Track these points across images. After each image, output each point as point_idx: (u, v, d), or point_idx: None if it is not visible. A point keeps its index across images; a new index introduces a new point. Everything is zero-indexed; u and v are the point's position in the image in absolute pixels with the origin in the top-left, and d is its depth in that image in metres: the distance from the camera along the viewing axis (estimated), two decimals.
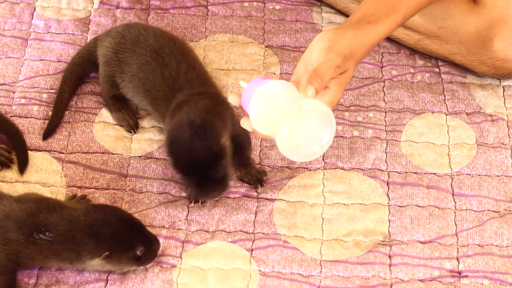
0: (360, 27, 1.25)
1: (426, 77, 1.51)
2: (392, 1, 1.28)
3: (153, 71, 1.35)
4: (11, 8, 1.58)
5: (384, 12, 1.27)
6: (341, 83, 1.23)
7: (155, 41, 1.39)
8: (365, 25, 1.25)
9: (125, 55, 1.39)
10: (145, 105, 1.38)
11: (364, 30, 1.25)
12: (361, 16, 1.26)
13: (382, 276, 1.26)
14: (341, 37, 1.22)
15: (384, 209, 1.33)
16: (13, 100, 1.44)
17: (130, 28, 1.42)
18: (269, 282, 1.24)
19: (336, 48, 1.21)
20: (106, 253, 1.19)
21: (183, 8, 1.60)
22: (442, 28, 1.48)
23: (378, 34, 1.26)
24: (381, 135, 1.43)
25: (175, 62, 1.35)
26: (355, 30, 1.24)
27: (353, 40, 1.23)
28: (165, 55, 1.36)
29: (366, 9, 1.27)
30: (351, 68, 1.24)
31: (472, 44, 1.46)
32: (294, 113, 1.12)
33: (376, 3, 1.28)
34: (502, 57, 1.45)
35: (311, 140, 1.13)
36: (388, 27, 1.27)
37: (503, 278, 1.26)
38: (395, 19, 1.28)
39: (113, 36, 1.41)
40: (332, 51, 1.20)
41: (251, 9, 1.60)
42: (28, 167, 1.36)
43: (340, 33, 1.23)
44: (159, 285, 1.24)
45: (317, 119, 1.13)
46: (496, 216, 1.33)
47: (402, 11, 1.28)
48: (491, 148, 1.41)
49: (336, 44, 1.21)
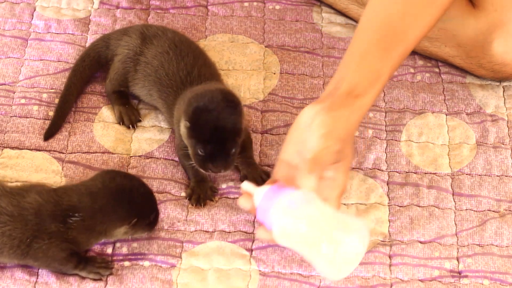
0: (351, 103, 1.23)
1: (426, 77, 1.51)
2: (377, 64, 1.26)
3: (169, 60, 1.37)
4: (11, 8, 1.58)
5: (369, 80, 1.25)
6: (345, 170, 1.23)
7: (174, 35, 1.41)
8: (355, 100, 1.23)
9: (143, 49, 1.40)
10: (152, 95, 1.39)
11: (356, 106, 1.23)
12: (348, 89, 1.24)
13: (382, 276, 1.26)
14: (338, 121, 1.21)
15: (384, 209, 1.33)
16: (13, 100, 1.44)
17: (149, 27, 1.43)
18: (269, 282, 1.24)
19: (335, 134, 1.20)
20: (134, 220, 1.21)
21: (183, 8, 1.60)
22: (441, 30, 1.48)
23: (368, 105, 1.25)
24: (381, 135, 1.43)
25: (192, 56, 1.37)
26: (347, 108, 1.22)
27: (349, 120, 1.22)
28: (183, 48, 1.38)
29: (351, 79, 1.25)
30: (350, 150, 1.23)
31: (470, 47, 1.46)
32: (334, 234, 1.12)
33: (361, 70, 1.26)
34: (500, 61, 1.45)
35: (352, 257, 1.15)
36: (375, 95, 1.26)
37: (503, 278, 1.26)
38: (381, 84, 1.26)
39: (131, 35, 1.42)
40: (330, 137, 1.19)
41: (251, 9, 1.60)
42: (28, 167, 1.36)
43: (336, 117, 1.21)
44: (158, 285, 1.23)
45: (355, 236, 1.14)
46: (496, 216, 1.33)
47: (386, 73, 1.26)
48: (491, 148, 1.41)
49: (334, 129, 1.20)
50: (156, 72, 1.37)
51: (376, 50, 1.27)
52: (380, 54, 1.27)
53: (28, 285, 1.23)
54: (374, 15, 1.30)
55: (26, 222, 1.19)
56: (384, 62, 1.27)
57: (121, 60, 1.41)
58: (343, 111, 1.22)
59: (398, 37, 1.28)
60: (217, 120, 1.26)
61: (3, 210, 1.19)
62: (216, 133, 1.26)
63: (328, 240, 1.12)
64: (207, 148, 1.26)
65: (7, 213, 1.19)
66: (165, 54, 1.37)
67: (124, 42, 1.42)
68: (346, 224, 1.14)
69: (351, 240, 1.14)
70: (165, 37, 1.40)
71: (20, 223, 1.19)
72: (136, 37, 1.41)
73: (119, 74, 1.41)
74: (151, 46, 1.39)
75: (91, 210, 1.20)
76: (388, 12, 1.29)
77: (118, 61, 1.42)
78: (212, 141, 1.26)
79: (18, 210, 1.19)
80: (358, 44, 1.28)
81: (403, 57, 1.29)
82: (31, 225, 1.19)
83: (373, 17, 1.30)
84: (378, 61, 1.26)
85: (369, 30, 1.29)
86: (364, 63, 1.26)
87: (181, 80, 1.35)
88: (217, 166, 1.27)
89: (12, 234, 1.18)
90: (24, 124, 1.41)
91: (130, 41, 1.41)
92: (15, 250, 1.19)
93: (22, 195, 1.21)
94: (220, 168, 1.27)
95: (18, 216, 1.19)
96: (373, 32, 1.28)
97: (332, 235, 1.12)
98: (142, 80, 1.40)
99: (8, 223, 1.19)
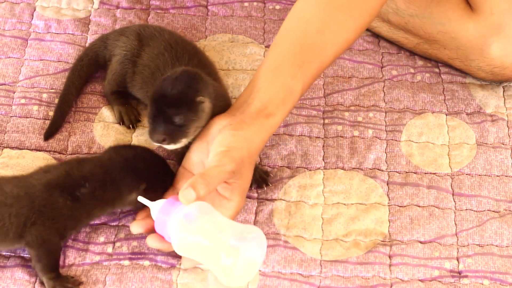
0: (260, 123, 1.22)
1: (426, 77, 1.51)
2: (289, 81, 1.25)
3: (165, 62, 1.36)
4: (11, 8, 1.58)
5: (281, 97, 1.24)
6: (241, 192, 1.22)
7: (170, 37, 1.40)
8: (265, 119, 1.23)
9: (140, 51, 1.39)
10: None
11: (265, 126, 1.23)
12: (259, 105, 1.23)
13: (382, 276, 1.26)
14: (240, 140, 1.20)
15: (384, 209, 1.33)
16: (13, 100, 1.44)
17: (146, 27, 1.43)
18: (269, 282, 1.24)
19: (233, 154, 1.19)
20: (143, 186, 1.22)
21: (183, 8, 1.60)
22: (440, 33, 1.48)
23: (277, 124, 1.25)
24: (381, 135, 1.43)
25: (188, 56, 1.36)
26: (255, 127, 1.22)
27: (254, 140, 1.21)
28: (179, 49, 1.37)
29: (263, 94, 1.24)
30: (249, 171, 1.23)
31: (470, 50, 1.46)
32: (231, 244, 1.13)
33: (273, 85, 1.25)
34: (499, 64, 1.45)
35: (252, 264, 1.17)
36: (286, 113, 1.25)
37: (503, 278, 1.26)
38: (292, 101, 1.26)
39: (128, 35, 1.42)
40: (227, 156, 1.18)
41: (251, 9, 1.60)
42: (28, 167, 1.35)
43: (239, 136, 1.20)
44: (158, 285, 1.23)
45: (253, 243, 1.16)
46: (496, 216, 1.33)
47: (299, 91, 1.26)
48: (491, 148, 1.41)
49: (234, 149, 1.19)
50: (153, 74, 1.37)
51: (290, 66, 1.26)
52: (293, 71, 1.26)
53: (28, 285, 1.23)
54: (291, 29, 1.29)
55: (33, 199, 1.20)
56: (297, 79, 1.26)
57: (119, 61, 1.41)
58: (248, 130, 1.21)
59: (314, 53, 1.27)
60: (162, 88, 1.24)
61: (8, 194, 1.20)
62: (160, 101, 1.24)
63: (226, 251, 1.13)
64: (152, 117, 1.24)
65: (13, 196, 1.20)
66: (161, 56, 1.37)
67: (121, 42, 1.42)
68: (243, 233, 1.15)
69: (249, 248, 1.15)
70: (161, 38, 1.39)
71: (27, 201, 1.20)
72: (133, 38, 1.41)
73: (117, 75, 1.41)
74: (147, 48, 1.39)
75: (102, 180, 1.22)
76: (306, 28, 1.28)
77: (116, 62, 1.42)
78: (157, 111, 1.24)
79: (24, 190, 1.21)
80: (273, 58, 1.27)
81: (317, 74, 1.29)
82: (38, 202, 1.20)
83: (290, 31, 1.29)
84: (291, 78, 1.25)
85: (285, 44, 1.28)
86: (277, 79, 1.25)
87: None
88: (157, 133, 1.23)
89: (19, 213, 1.20)
90: (24, 124, 1.41)
91: (127, 42, 1.41)
92: (21, 229, 1.20)
93: (28, 176, 1.23)
94: (160, 135, 1.24)
95: (25, 196, 1.20)
96: (288, 46, 1.27)
97: (230, 246, 1.13)
98: (140, 82, 1.39)
99: (15, 204, 1.20)
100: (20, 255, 1.26)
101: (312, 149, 1.40)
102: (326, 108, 1.46)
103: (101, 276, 1.24)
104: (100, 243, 1.27)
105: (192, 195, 1.15)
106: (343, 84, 1.49)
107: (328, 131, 1.43)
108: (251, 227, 1.17)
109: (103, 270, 1.24)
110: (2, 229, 1.20)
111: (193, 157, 1.25)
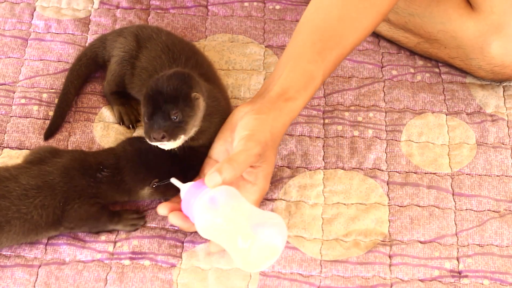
0: (280, 107, 1.24)
1: (426, 77, 1.51)
2: (310, 67, 1.27)
3: (162, 64, 1.36)
4: (11, 8, 1.58)
5: (302, 83, 1.25)
6: (266, 175, 1.24)
7: (167, 38, 1.40)
8: (285, 103, 1.24)
9: (138, 52, 1.39)
10: None
11: (285, 109, 1.24)
12: (280, 90, 1.24)
13: (382, 276, 1.26)
14: (262, 124, 1.21)
15: (384, 209, 1.33)
16: (13, 100, 1.44)
17: (144, 28, 1.43)
18: (269, 282, 1.24)
19: (257, 137, 1.20)
20: (155, 181, 1.24)
21: (183, 8, 1.60)
22: (441, 32, 1.48)
23: (298, 109, 1.26)
24: (381, 135, 1.43)
25: (184, 58, 1.36)
26: (276, 112, 1.23)
27: (275, 124, 1.22)
28: (176, 51, 1.37)
29: (284, 80, 1.25)
30: (273, 155, 1.24)
31: (470, 49, 1.46)
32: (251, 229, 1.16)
33: (294, 71, 1.26)
34: (500, 63, 1.45)
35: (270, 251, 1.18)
36: (307, 98, 1.26)
37: (503, 278, 1.26)
38: (314, 87, 1.27)
39: (126, 36, 1.42)
40: (252, 139, 1.20)
41: (251, 9, 1.60)
42: None
43: (261, 119, 1.21)
44: (159, 285, 1.23)
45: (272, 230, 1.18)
46: (496, 216, 1.33)
47: (320, 77, 1.27)
48: (491, 148, 1.41)
49: (258, 132, 1.20)
50: (150, 77, 1.37)
51: (310, 52, 1.27)
52: (314, 57, 1.27)
53: (28, 285, 1.23)
54: (311, 18, 1.30)
55: (54, 186, 1.22)
56: (318, 65, 1.27)
57: (117, 62, 1.41)
58: (270, 114, 1.22)
59: (334, 40, 1.28)
60: (157, 86, 1.24)
61: (27, 186, 1.22)
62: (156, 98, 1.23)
63: (243, 235, 1.16)
64: (149, 115, 1.23)
65: (32, 187, 1.22)
66: (158, 58, 1.37)
67: (119, 44, 1.42)
68: (263, 218, 1.18)
69: (268, 234, 1.17)
70: (159, 40, 1.39)
71: (48, 190, 1.22)
72: (131, 39, 1.41)
73: (116, 76, 1.41)
74: (145, 50, 1.39)
75: (117, 169, 1.24)
76: (326, 15, 1.29)
77: (115, 62, 1.42)
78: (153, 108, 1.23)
79: (41, 179, 1.22)
80: (294, 46, 1.29)
81: (338, 61, 1.30)
82: (59, 188, 1.22)
83: (311, 20, 1.30)
84: (312, 64, 1.27)
85: (305, 32, 1.29)
86: (298, 65, 1.27)
87: None
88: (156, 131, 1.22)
89: (44, 204, 1.21)
90: (24, 124, 1.41)
91: (125, 43, 1.41)
92: (52, 218, 1.22)
93: (39, 164, 1.25)
94: (157, 131, 1.22)
95: (44, 185, 1.22)
96: (309, 34, 1.29)
97: (248, 230, 1.16)
98: (138, 84, 1.39)
99: (37, 195, 1.21)
100: (20, 254, 1.26)
101: (312, 149, 1.40)
102: (326, 108, 1.46)
103: (102, 274, 1.24)
104: (101, 242, 1.27)
105: (217, 179, 1.17)
106: (343, 84, 1.49)
107: (328, 131, 1.43)
108: (273, 214, 1.19)
109: (104, 268, 1.25)
110: (32, 221, 1.21)
111: (217, 146, 1.26)
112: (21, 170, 1.24)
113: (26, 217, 1.21)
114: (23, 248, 1.26)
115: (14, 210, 1.20)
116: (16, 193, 1.21)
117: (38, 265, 1.25)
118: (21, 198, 1.21)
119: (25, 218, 1.21)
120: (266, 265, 1.19)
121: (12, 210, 1.20)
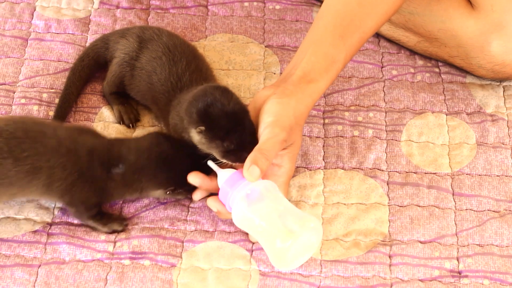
0: (302, 89, 1.24)
1: (426, 77, 1.51)
2: (331, 50, 1.28)
3: (162, 65, 1.36)
4: (11, 8, 1.58)
5: (324, 66, 1.26)
6: (292, 157, 1.25)
7: (169, 39, 1.40)
8: (307, 85, 1.25)
9: (139, 54, 1.39)
10: (147, 99, 1.39)
11: (307, 91, 1.25)
12: (301, 74, 1.25)
13: (382, 276, 1.26)
14: (285, 108, 1.22)
15: (384, 209, 1.33)
16: (13, 100, 1.44)
17: (146, 29, 1.43)
18: (269, 282, 1.24)
19: (281, 122, 1.21)
20: (171, 188, 1.25)
21: (183, 8, 1.60)
22: (441, 31, 1.48)
23: (320, 91, 1.27)
24: (381, 135, 1.43)
25: (185, 61, 1.36)
26: (298, 94, 1.24)
27: (298, 106, 1.23)
28: (177, 53, 1.37)
29: (306, 64, 1.26)
30: (298, 137, 1.25)
31: (470, 47, 1.46)
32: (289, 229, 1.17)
33: (315, 55, 1.27)
34: (500, 62, 1.45)
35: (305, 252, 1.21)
36: (329, 81, 1.27)
37: (503, 278, 1.26)
38: (336, 70, 1.28)
39: (128, 38, 1.41)
40: (277, 125, 1.21)
41: (251, 9, 1.60)
42: None
43: (284, 103, 1.22)
44: (159, 285, 1.23)
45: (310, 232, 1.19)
46: (496, 216, 1.33)
47: (341, 60, 1.28)
48: (491, 148, 1.41)
49: (281, 117, 1.21)
50: (149, 77, 1.37)
51: (331, 36, 1.29)
52: (335, 41, 1.29)
53: (28, 285, 1.23)
54: (332, 4, 1.32)
55: (79, 157, 1.23)
56: (339, 48, 1.29)
57: (118, 63, 1.41)
58: (292, 97, 1.23)
59: (355, 24, 1.30)
60: (224, 106, 1.23)
61: (63, 142, 1.23)
62: (235, 119, 1.23)
63: (282, 235, 1.17)
64: (235, 138, 1.22)
65: (66, 145, 1.23)
66: (158, 59, 1.37)
67: (121, 45, 1.42)
68: (302, 220, 1.18)
69: (307, 236, 1.18)
70: (160, 41, 1.39)
71: (75, 156, 1.23)
72: (134, 41, 1.41)
73: (116, 77, 1.41)
74: (145, 51, 1.39)
75: (134, 166, 1.24)
76: (346, 1, 1.31)
77: (115, 64, 1.42)
78: (235, 130, 1.22)
79: (74, 145, 1.23)
80: (315, 31, 1.31)
81: (359, 45, 1.31)
82: (82, 162, 1.23)
83: (331, 6, 1.32)
84: (333, 47, 1.28)
85: (326, 17, 1.31)
86: (319, 49, 1.28)
87: (172, 86, 1.34)
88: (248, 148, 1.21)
89: (66, 166, 1.22)
90: None
91: (127, 45, 1.41)
92: (61, 183, 1.22)
93: (77, 132, 1.26)
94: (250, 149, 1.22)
95: (74, 150, 1.23)
96: (330, 19, 1.30)
97: (288, 230, 1.17)
98: (137, 85, 1.39)
99: (66, 154, 1.22)
100: (19, 254, 1.26)
101: (312, 149, 1.40)
102: (326, 108, 1.46)
103: (102, 274, 1.24)
104: (101, 241, 1.27)
105: (257, 171, 1.18)
106: (343, 84, 1.49)
107: (328, 131, 1.43)
108: (311, 217, 1.20)
109: (104, 267, 1.25)
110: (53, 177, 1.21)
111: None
112: (61, 126, 1.26)
113: (51, 171, 1.22)
114: (23, 247, 1.26)
115: (45, 160, 1.21)
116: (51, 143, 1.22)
117: (38, 265, 1.25)
118: (54, 150, 1.22)
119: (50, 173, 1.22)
120: (300, 263, 1.22)
121: (45, 158, 1.21)
